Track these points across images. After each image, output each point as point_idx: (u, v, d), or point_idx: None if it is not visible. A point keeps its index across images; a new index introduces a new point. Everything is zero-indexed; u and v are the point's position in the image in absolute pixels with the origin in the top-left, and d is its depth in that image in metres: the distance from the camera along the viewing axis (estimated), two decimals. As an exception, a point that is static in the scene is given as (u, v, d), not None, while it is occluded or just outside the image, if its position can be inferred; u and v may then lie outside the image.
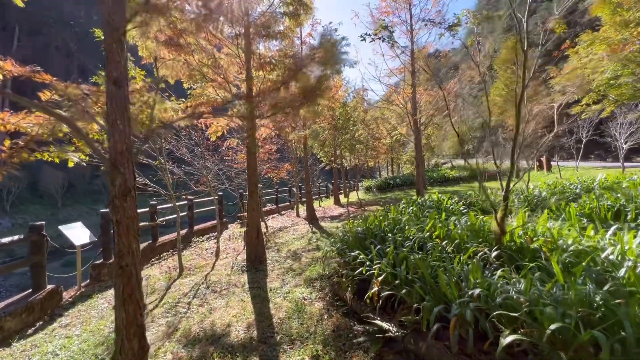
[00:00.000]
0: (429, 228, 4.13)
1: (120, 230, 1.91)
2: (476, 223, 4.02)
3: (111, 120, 1.91)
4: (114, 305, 1.94)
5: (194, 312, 4.60)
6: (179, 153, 8.15)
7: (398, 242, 3.88)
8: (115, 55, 1.92)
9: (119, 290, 1.91)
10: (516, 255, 3.27)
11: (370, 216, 5.65)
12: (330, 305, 4.30)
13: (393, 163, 34.37)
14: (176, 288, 5.63)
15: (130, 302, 1.92)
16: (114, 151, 1.91)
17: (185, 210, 9.59)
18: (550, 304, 2.19)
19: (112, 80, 1.91)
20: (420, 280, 3.04)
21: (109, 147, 1.91)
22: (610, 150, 29.86)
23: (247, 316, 4.30)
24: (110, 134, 1.91)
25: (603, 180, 7.68)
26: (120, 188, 1.90)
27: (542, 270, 2.91)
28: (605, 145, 28.59)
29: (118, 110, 1.92)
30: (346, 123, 14.06)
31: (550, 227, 3.76)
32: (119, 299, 1.92)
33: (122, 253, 1.91)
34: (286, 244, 8.41)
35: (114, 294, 1.97)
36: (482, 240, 3.65)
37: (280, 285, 5.38)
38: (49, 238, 5.15)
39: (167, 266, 7.07)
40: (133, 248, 1.96)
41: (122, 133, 1.93)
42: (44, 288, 5.01)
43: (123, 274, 1.90)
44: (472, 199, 6.96)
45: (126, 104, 1.97)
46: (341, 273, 4.27)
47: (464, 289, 2.73)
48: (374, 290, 3.24)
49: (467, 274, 2.83)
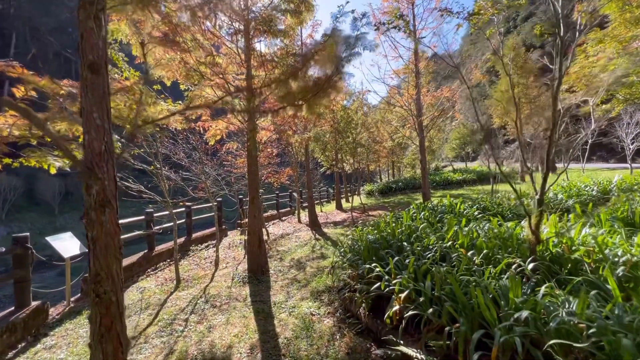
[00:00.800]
0: (451, 236, 3.76)
1: (97, 249, 1.54)
2: (502, 230, 3.65)
3: (86, 113, 1.55)
4: (89, 342, 1.56)
5: (191, 331, 4.20)
6: (176, 158, 7.78)
7: (417, 253, 3.50)
8: (92, 34, 1.57)
9: (95, 323, 1.53)
10: (555, 267, 2.90)
11: (381, 222, 5.28)
12: (341, 323, 3.91)
13: (394, 167, 34.03)
14: (173, 302, 5.23)
15: (109, 337, 1.54)
16: (90, 151, 1.55)
17: (183, 218, 9.19)
18: (619, 330, 1.82)
19: (87, 64, 1.55)
20: (449, 298, 2.66)
21: (83, 146, 1.56)
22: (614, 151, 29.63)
23: (250, 335, 3.90)
24: (85, 131, 1.56)
25: (620, 181, 7.33)
26: (98, 197, 1.54)
27: (590, 285, 2.54)
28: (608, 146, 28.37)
29: (95, 101, 1.57)
30: (348, 126, 13.75)
31: (585, 233, 3.40)
32: (95, 334, 1.54)
33: (100, 277, 1.54)
34: (289, 252, 8.02)
35: (90, 327, 1.59)
36: (513, 250, 3.28)
37: (285, 299, 4.98)
38: (34, 250, 4.75)
39: (163, 277, 6.66)
40: (113, 271, 1.59)
41: (99, 129, 1.57)
42: (28, 305, 4.60)
43: (100, 303, 1.53)
44: (486, 202, 6.60)
45: (105, 94, 1.61)
46: (354, 287, 3.88)
47: (504, 309, 2.35)
48: (395, 309, 2.86)
49: (506, 291, 2.46)
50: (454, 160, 44.68)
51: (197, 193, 8.10)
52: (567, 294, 2.42)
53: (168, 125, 5.99)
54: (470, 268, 2.98)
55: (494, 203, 6.59)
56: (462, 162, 44.08)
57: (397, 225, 4.68)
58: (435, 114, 11.92)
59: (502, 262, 2.93)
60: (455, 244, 3.51)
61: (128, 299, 5.45)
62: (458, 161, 45.57)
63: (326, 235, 9.76)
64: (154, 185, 6.49)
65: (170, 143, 7.61)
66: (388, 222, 5.15)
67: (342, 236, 9.13)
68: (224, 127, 7.76)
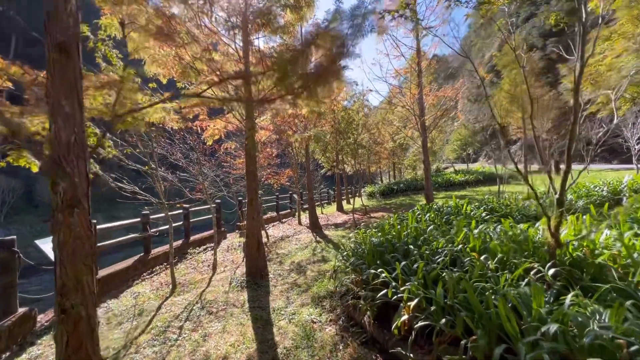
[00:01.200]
0: (461, 239, 3.52)
1: (64, 256, 1.32)
2: (517, 233, 3.42)
3: (53, 100, 1.34)
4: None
5: (185, 339, 3.96)
6: (173, 158, 7.56)
7: (426, 257, 3.27)
8: (60, 10, 1.36)
9: (61, 343, 1.31)
10: (576, 273, 2.67)
11: (385, 224, 5.05)
12: (344, 331, 3.67)
13: (395, 168, 33.80)
14: (167, 308, 5.00)
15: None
16: (57, 143, 1.34)
17: (181, 220, 8.97)
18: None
19: (54, 44, 1.34)
20: (463, 307, 2.43)
21: (50, 137, 1.34)
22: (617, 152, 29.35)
23: (247, 345, 3.67)
24: (52, 120, 1.34)
25: (632, 181, 7.10)
26: (66, 196, 1.32)
27: (620, 293, 2.31)
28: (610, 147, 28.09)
29: (63, 87, 1.35)
30: (349, 127, 13.55)
31: (606, 235, 3.17)
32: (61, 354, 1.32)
33: (67, 289, 1.31)
34: (289, 255, 7.79)
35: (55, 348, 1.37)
36: (529, 254, 3.05)
37: (284, 305, 4.75)
38: (21, 254, 4.53)
39: (159, 282, 6.43)
40: (83, 281, 1.36)
41: (69, 118, 1.35)
42: (15, 312, 4.37)
43: (67, 320, 1.30)
44: (493, 204, 6.37)
45: (77, 78, 1.40)
46: (357, 293, 3.65)
47: (526, 320, 2.13)
48: (403, 318, 2.62)
49: (527, 300, 2.23)
50: (455, 162, 44.45)
51: (194, 195, 7.88)
52: (593, 303, 2.19)
53: (164, 124, 5.79)
54: (485, 274, 2.75)
55: (502, 204, 6.35)
56: (462, 163, 43.86)
57: (402, 228, 4.44)
58: (437, 113, 11.71)
59: (519, 267, 2.70)
60: (466, 247, 3.27)
61: (121, 304, 5.23)
62: (459, 162, 45.35)
63: (327, 237, 9.53)
64: (150, 186, 6.27)
65: (167, 143, 7.40)
66: (392, 224, 4.92)
67: (344, 238, 8.89)
68: (222, 127, 7.55)
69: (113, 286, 6.04)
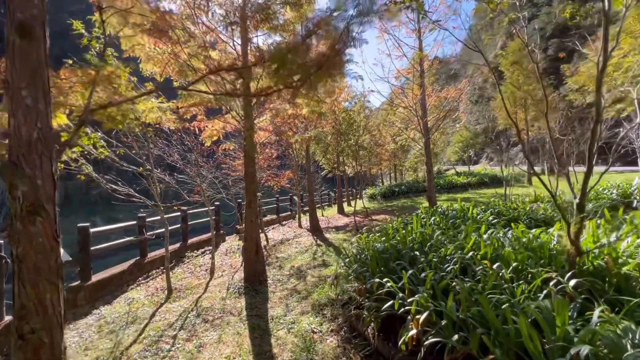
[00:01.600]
0: (471, 246, 3.32)
1: (24, 271, 1.12)
2: (530, 239, 3.22)
3: (13, 90, 1.15)
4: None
5: (179, 350, 3.76)
6: (170, 160, 7.38)
7: (434, 265, 3.06)
8: (22, -14, 1.17)
9: (18, 374, 1.12)
10: (598, 284, 2.46)
11: (388, 229, 4.84)
12: (346, 343, 3.46)
13: (396, 170, 33.56)
14: (162, 316, 4.79)
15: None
16: (16, 140, 1.15)
17: (179, 222, 8.77)
18: None
19: (15, 25, 1.16)
20: (477, 322, 2.22)
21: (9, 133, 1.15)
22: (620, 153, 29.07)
23: (243, 357, 3.46)
24: (11, 113, 1.16)
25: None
26: (26, 202, 1.13)
27: (649, 307, 2.10)
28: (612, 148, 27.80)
29: (25, 74, 1.17)
30: (349, 128, 13.36)
31: (628, 242, 2.96)
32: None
33: (27, 310, 1.12)
34: (289, 259, 7.58)
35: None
36: (546, 263, 2.85)
37: (283, 313, 4.54)
38: (8, 259, 4.33)
39: (154, 287, 6.22)
40: (47, 302, 1.16)
41: (30, 111, 1.16)
42: (1, 320, 4.18)
43: (26, 347, 1.11)
44: (500, 207, 6.16)
45: (41, 65, 1.21)
46: (361, 303, 3.44)
47: (549, 338, 1.92)
48: (411, 333, 2.42)
49: (549, 315, 2.02)
50: (456, 164, 44.22)
51: (192, 197, 7.68)
52: (621, 319, 1.99)
53: (161, 124, 5.61)
54: (499, 284, 2.55)
55: (509, 207, 6.14)
56: (464, 165, 43.64)
57: (407, 233, 4.24)
58: (440, 114, 11.52)
59: (536, 277, 2.50)
60: (477, 254, 3.07)
61: (114, 311, 5.03)
62: (460, 164, 45.11)
63: (328, 240, 9.32)
64: (146, 188, 6.08)
65: (164, 144, 7.22)
66: (397, 229, 4.71)
67: (345, 242, 8.69)
68: (220, 127, 7.36)
69: (107, 291, 5.84)
